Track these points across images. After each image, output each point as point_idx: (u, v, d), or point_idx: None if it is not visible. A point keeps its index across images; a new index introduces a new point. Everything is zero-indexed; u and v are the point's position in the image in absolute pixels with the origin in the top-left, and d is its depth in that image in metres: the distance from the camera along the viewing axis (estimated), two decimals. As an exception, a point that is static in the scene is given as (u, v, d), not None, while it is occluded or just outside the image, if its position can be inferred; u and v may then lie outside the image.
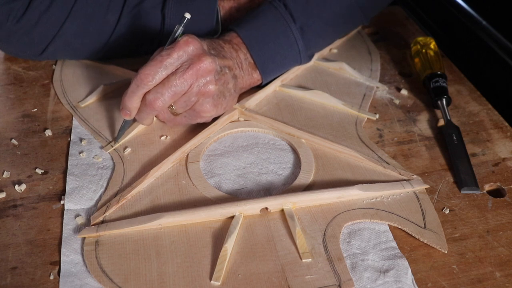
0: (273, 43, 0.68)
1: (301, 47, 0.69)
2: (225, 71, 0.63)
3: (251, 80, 0.68)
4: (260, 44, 0.67)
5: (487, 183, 0.61)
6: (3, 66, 0.78)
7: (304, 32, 0.69)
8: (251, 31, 0.67)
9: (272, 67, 0.69)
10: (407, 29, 0.90)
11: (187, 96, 0.60)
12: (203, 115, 0.63)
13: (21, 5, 0.68)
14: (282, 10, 0.68)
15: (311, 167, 0.61)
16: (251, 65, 0.67)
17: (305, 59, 0.71)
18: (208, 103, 0.62)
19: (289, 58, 0.70)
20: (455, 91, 0.75)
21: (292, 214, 0.55)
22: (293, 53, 0.69)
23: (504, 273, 0.51)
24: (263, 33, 0.68)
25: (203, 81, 0.59)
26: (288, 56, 0.69)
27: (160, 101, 0.58)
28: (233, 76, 0.64)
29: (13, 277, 0.50)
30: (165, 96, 0.58)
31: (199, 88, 0.59)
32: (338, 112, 0.70)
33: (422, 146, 0.66)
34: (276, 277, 0.50)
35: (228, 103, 0.65)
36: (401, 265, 0.51)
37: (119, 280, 0.49)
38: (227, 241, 0.52)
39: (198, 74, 0.59)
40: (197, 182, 0.59)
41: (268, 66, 0.68)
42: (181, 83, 0.58)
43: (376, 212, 0.56)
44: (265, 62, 0.68)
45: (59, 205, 0.57)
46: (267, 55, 0.68)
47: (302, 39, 0.69)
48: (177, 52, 0.58)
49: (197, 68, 0.58)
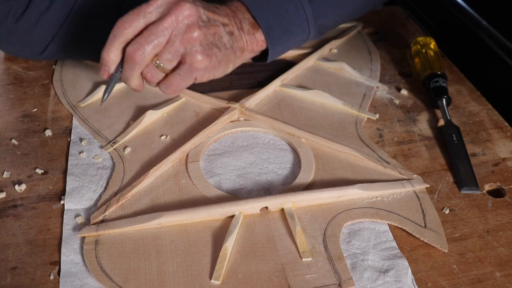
0: (277, 6, 0.64)
1: (309, 14, 0.66)
2: (216, 23, 0.59)
3: (254, 41, 0.64)
4: (263, 5, 0.64)
5: (487, 183, 0.61)
6: (3, 66, 0.78)
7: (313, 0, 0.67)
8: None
9: (277, 30, 0.64)
10: (407, 29, 0.90)
11: (170, 45, 0.56)
12: (195, 66, 0.58)
13: (21, 4, 0.68)
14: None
15: (311, 167, 0.61)
16: (253, 24, 0.63)
17: (314, 31, 0.68)
18: (197, 52, 0.58)
19: (296, 24, 0.66)
20: (455, 91, 0.76)
21: (292, 214, 0.55)
22: (300, 20, 0.66)
23: (504, 273, 0.51)
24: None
25: (183, 25, 0.56)
26: (294, 22, 0.66)
27: (140, 52, 0.55)
28: (229, 32, 0.61)
29: (13, 277, 0.50)
30: (144, 46, 0.55)
31: (181, 34, 0.56)
32: (338, 112, 0.70)
33: (422, 146, 0.66)
34: (276, 276, 0.50)
35: (225, 57, 0.61)
36: (401, 265, 0.51)
37: (119, 279, 0.49)
38: (227, 240, 0.52)
39: (178, 20, 0.56)
40: (197, 181, 0.59)
41: (273, 28, 0.64)
42: (160, 31, 0.55)
43: (376, 211, 0.56)
44: (269, 23, 0.64)
45: (59, 205, 0.57)
46: (270, 16, 0.64)
47: (310, 6, 0.66)
48: (156, 1, 0.56)
49: (176, 13, 0.55)
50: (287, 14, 0.65)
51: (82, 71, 0.76)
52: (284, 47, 0.67)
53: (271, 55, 0.66)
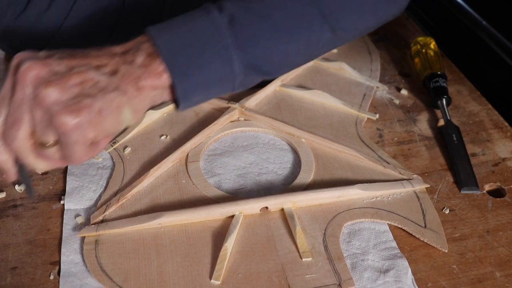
0: (187, 32, 0.51)
1: (227, 41, 0.51)
2: (81, 69, 0.48)
3: (151, 73, 0.50)
4: (168, 33, 0.51)
5: (487, 183, 0.61)
6: (3, 66, 0.78)
7: (235, 23, 0.51)
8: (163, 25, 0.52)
9: (185, 61, 0.50)
10: (407, 29, 0.90)
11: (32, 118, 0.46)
12: (65, 129, 0.45)
13: (21, 2, 0.68)
14: (207, 5, 0.53)
15: (311, 167, 0.61)
16: (150, 54, 0.50)
17: (242, 66, 0.52)
18: (58, 113, 0.45)
19: (210, 53, 0.51)
20: (455, 91, 0.76)
21: (292, 214, 0.55)
22: (216, 48, 0.51)
23: (504, 273, 0.51)
24: (175, 22, 0.52)
25: (33, 91, 0.46)
26: (207, 51, 0.51)
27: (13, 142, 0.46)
28: (110, 72, 0.49)
29: (13, 277, 0.50)
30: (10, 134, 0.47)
31: (34, 101, 0.46)
32: (338, 112, 0.70)
33: (422, 146, 0.66)
34: (276, 276, 0.50)
35: (107, 103, 0.48)
36: (401, 265, 0.51)
37: (119, 279, 0.49)
38: (227, 240, 0.52)
39: (24, 89, 0.46)
40: (197, 181, 0.59)
41: (177, 56, 0.50)
42: (14, 113, 0.46)
43: (376, 211, 0.56)
44: (172, 50, 0.50)
45: (59, 205, 0.57)
46: (175, 42, 0.51)
47: (230, 31, 0.51)
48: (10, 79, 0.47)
49: (21, 83, 0.46)
50: (197, 41, 0.51)
51: (82, 71, 0.76)
52: (196, 82, 0.51)
53: (181, 91, 0.50)
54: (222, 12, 0.52)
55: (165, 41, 0.50)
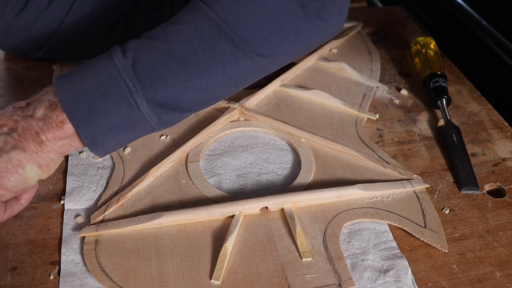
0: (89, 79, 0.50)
1: (131, 83, 0.50)
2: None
3: (52, 123, 0.49)
4: (71, 82, 0.50)
5: (487, 183, 0.61)
6: (3, 66, 0.78)
7: (138, 65, 0.50)
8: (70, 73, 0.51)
9: (84, 106, 0.49)
10: (407, 29, 0.90)
11: None
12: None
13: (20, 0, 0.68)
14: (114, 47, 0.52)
15: (311, 167, 0.61)
16: (50, 105, 0.50)
17: (151, 106, 0.51)
18: None
19: (114, 98, 0.50)
20: (455, 91, 0.76)
21: (292, 214, 0.55)
22: (120, 92, 0.50)
23: (504, 273, 0.51)
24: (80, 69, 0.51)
25: None
26: (111, 95, 0.49)
27: None
28: (9, 131, 0.49)
29: (13, 277, 0.50)
30: None
31: None
32: (338, 112, 0.70)
33: (422, 146, 0.66)
34: (276, 276, 0.50)
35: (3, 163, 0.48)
36: (401, 265, 0.51)
37: (119, 279, 0.49)
38: (227, 240, 0.52)
39: None
40: (197, 181, 0.59)
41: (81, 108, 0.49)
42: None
43: (376, 211, 0.56)
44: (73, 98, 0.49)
45: (59, 205, 0.57)
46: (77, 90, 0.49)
47: (133, 73, 0.50)
48: None
49: None
50: (100, 87, 0.50)
51: (82, 71, 0.76)
52: (103, 128, 0.50)
53: (87, 139, 0.50)
54: (125, 53, 0.51)
55: (66, 90, 0.49)
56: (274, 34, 0.53)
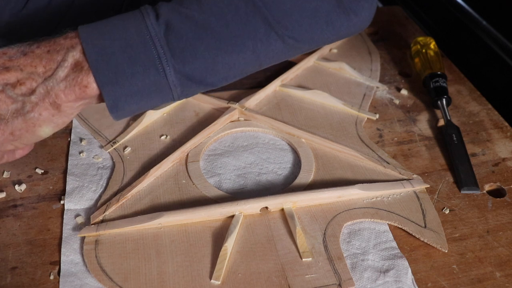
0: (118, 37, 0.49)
1: (162, 50, 0.49)
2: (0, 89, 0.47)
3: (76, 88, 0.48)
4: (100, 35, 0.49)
5: (487, 183, 0.61)
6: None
7: (171, 32, 0.50)
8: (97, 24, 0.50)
9: (114, 69, 0.48)
10: (407, 29, 0.90)
11: None
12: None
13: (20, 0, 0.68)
14: (145, 8, 0.51)
15: (311, 167, 0.61)
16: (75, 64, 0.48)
17: (178, 76, 0.50)
18: None
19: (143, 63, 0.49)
20: (455, 91, 0.76)
21: (292, 214, 0.55)
22: (149, 57, 0.49)
23: (504, 273, 0.51)
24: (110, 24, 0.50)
25: None
26: (140, 60, 0.49)
27: None
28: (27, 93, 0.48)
29: (13, 277, 0.50)
30: None
31: None
32: (338, 112, 0.70)
33: (422, 146, 0.66)
34: (276, 276, 0.50)
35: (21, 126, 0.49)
36: (401, 265, 0.51)
37: (119, 279, 0.49)
38: (227, 240, 0.52)
39: None
40: (197, 181, 0.59)
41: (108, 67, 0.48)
42: None
43: (376, 211, 0.56)
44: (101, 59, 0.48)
45: (59, 205, 0.57)
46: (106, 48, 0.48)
47: (165, 40, 0.49)
48: None
49: None
50: (130, 49, 0.49)
51: (82, 71, 0.76)
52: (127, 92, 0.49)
53: (110, 101, 0.49)
54: (158, 19, 0.50)
55: (95, 49, 0.48)
56: (306, 19, 0.53)
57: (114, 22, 0.50)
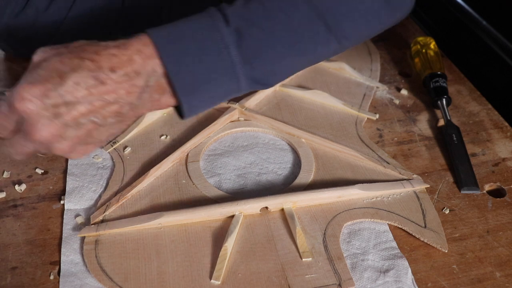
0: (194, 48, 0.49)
1: (235, 58, 0.50)
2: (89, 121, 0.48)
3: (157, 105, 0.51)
4: (176, 47, 0.49)
5: (487, 183, 0.61)
6: (3, 66, 0.78)
7: (242, 38, 0.50)
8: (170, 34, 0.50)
9: (193, 81, 0.50)
10: (407, 29, 0.90)
11: None
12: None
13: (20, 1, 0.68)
14: (212, 12, 0.51)
15: (311, 167, 0.61)
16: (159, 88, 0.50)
17: (248, 81, 0.52)
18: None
19: (218, 71, 0.50)
20: (455, 91, 0.76)
21: (292, 214, 0.55)
22: (224, 65, 0.50)
23: (504, 273, 0.51)
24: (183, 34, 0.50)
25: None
26: (215, 69, 0.50)
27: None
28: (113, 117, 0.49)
29: (13, 277, 0.50)
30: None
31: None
32: (338, 112, 0.70)
33: (422, 146, 0.66)
34: (276, 276, 0.50)
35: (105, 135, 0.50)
36: (401, 265, 0.51)
37: (119, 279, 0.49)
38: (227, 240, 0.52)
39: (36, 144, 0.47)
40: (197, 181, 0.59)
41: (186, 80, 0.49)
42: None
43: (376, 211, 0.56)
44: (181, 75, 0.49)
45: (59, 205, 0.57)
46: (184, 62, 0.49)
47: (237, 46, 0.50)
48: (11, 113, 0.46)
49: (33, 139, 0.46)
50: (205, 58, 0.50)
51: (82, 71, 0.76)
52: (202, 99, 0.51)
53: (186, 109, 0.51)
54: (229, 26, 0.50)
55: (176, 67, 0.49)
56: (360, 19, 0.55)
57: (184, 29, 0.50)
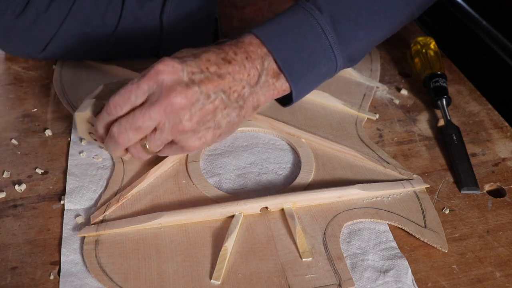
0: (295, 37, 0.55)
1: (332, 40, 0.56)
2: (218, 96, 0.52)
3: (273, 92, 0.56)
4: (279, 37, 0.55)
5: (487, 183, 0.61)
6: (3, 66, 0.78)
7: (336, 22, 0.56)
8: (271, 27, 0.55)
9: (299, 65, 0.55)
10: (407, 29, 0.90)
11: (160, 133, 0.52)
12: (187, 150, 0.54)
13: (20, 2, 0.68)
14: (304, 4, 0.57)
15: (311, 167, 0.61)
16: (273, 72, 0.55)
17: (343, 60, 0.58)
18: (189, 138, 0.53)
19: (318, 54, 0.56)
20: (455, 91, 0.76)
21: (292, 214, 0.55)
22: (323, 48, 0.56)
23: (504, 273, 0.51)
24: (282, 26, 0.55)
25: (173, 116, 0.51)
26: (316, 51, 0.56)
27: (124, 136, 0.52)
28: (237, 98, 0.53)
29: (13, 277, 0.50)
30: (129, 132, 0.51)
31: (171, 126, 0.51)
32: (338, 112, 0.70)
33: (422, 146, 0.66)
34: (276, 276, 0.50)
35: (227, 129, 0.55)
36: (401, 265, 0.51)
37: (119, 279, 0.49)
38: (227, 240, 0.52)
39: (166, 111, 0.50)
40: (197, 181, 0.59)
41: (294, 65, 0.55)
42: (145, 120, 0.50)
43: (376, 211, 0.56)
44: (288, 60, 0.55)
45: (59, 205, 0.57)
46: (289, 49, 0.55)
47: (333, 30, 0.56)
48: (147, 83, 0.50)
49: (165, 105, 0.50)
50: (306, 42, 0.56)
51: (82, 71, 0.76)
52: (307, 82, 0.57)
53: (296, 95, 0.57)
54: (322, 12, 0.56)
55: (284, 55, 0.54)
56: None
57: (288, 24, 0.56)
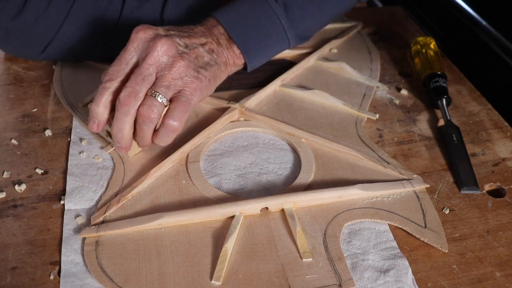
0: (251, 20, 0.66)
1: (286, 24, 0.68)
2: (194, 46, 0.61)
3: (233, 55, 0.66)
4: (236, 21, 0.66)
5: (487, 183, 0.61)
6: (3, 66, 0.78)
7: (288, 8, 0.68)
8: (227, 12, 0.66)
9: (253, 45, 0.66)
10: (407, 29, 0.90)
11: (162, 77, 0.57)
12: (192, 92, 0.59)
13: (17, 3, 0.68)
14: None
15: (311, 167, 0.61)
16: (228, 39, 0.65)
17: (294, 39, 0.70)
18: (190, 80, 0.58)
19: (273, 37, 0.68)
20: (455, 91, 0.76)
21: (292, 214, 0.55)
22: (277, 32, 0.68)
23: (504, 273, 0.51)
24: (240, 11, 0.66)
25: (165, 59, 0.57)
26: (271, 35, 0.68)
27: (132, 94, 0.55)
28: (209, 50, 0.62)
29: (13, 277, 0.50)
30: (135, 87, 0.55)
31: (167, 68, 0.57)
32: (338, 112, 0.70)
33: (422, 146, 0.66)
34: (276, 276, 0.50)
35: (213, 74, 0.62)
36: (401, 265, 0.51)
37: (120, 280, 0.49)
38: (228, 241, 0.52)
39: (158, 56, 0.57)
40: (198, 182, 0.59)
41: (249, 43, 0.66)
42: (145, 69, 0.56)
43: (376, 211, 0.56)
44: (244, 39, 0.66)
45: (59, 205, 0.57)
46: (245, 31, 0.66)
47: (286, 16, 0.67)
48: (132, 44, 0.58)
49: (155, 50, 0.57)
50: (262, 28, 0.67)
51: (82, 71, 0.76)
52: (263, 58, 0.69)
53: (250, 67, 0.68)
54: (277, 1, 0.67)
55: (238, 31, 0.65)
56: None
57: (243, 10, 0.67)
